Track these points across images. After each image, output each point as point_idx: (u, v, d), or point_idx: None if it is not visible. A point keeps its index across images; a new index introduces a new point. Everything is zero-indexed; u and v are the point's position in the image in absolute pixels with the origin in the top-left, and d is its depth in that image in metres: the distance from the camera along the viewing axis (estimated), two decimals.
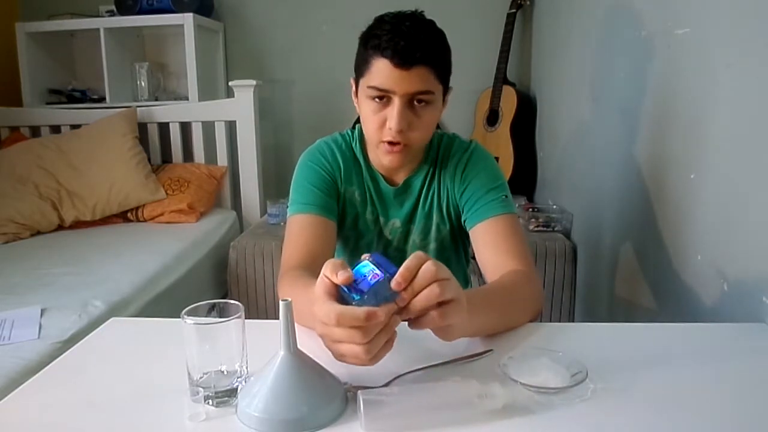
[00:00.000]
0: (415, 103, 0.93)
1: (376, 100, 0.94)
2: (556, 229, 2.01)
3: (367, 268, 0.63)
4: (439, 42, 0.94)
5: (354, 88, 1.01)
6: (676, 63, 1.23)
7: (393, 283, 0.61)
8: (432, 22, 0.95)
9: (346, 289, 0.62)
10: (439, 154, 1.08)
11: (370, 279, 0.62)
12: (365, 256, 0.64)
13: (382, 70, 0.91)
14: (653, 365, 0.72)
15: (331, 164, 1.07)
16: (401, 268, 0.61)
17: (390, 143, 0.95)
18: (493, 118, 2.46)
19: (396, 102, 0.92)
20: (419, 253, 0.63)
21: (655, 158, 1.35)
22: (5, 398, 0.66)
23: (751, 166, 0.96)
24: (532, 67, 2.54)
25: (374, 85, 0.92)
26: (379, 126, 0.95)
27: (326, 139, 1.10)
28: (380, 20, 0.93)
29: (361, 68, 0.96)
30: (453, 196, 1.06)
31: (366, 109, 0.96)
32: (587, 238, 1.87)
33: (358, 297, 0.61)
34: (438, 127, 1.04)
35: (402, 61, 0.89)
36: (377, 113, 0.94)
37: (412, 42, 0.89)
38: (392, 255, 1.11)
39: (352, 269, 0.63)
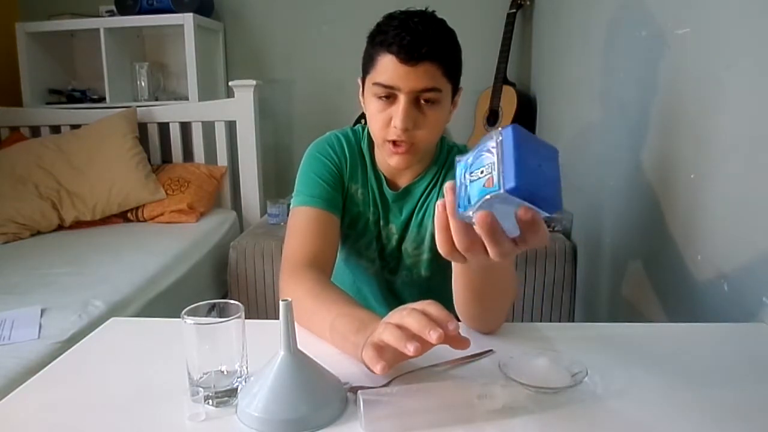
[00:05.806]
0: (422, 101, 0.91)
1: (382, 98, 0.92)
2: (556, 229, 2.01)
3: (488, 161, 0.47)
4: (447, 38, 0.92)
5: (361, 87, 0.99)
6: (677, 63, 1.23)
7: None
8: (442, 20, 0.93)
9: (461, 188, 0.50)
10: (447, 163, 1.05)
11: (484, 184, 0.47)
12: (499, 130, 0.49)
13: (387, 66, 0.89)
14: (653, 365, 0.72)
15: (339, 156, 1.04)
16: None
17: (395, 143, 0.93)
18: (493, 118, 2.45)
19: (401, 99, 0.90)
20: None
21: (654, 158, 1.35)
22: (5, 398, 0.66)
23: (751, 166, 0.96)
24: (532, 67, 2.54)
25: (379, 81, 0.90)
26: (384, 125, 0.93)
27: (336, 132, 1.08)
28: (389, 17, 0.92)
29: (367, 65, 0.94)
30: None
31: (371, 107, 0.94)
32: (587, 238, 1.87)
33: (463, 208, 0.49)
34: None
35: (408, 56, 0.87)
36: (382, 112, 0.92)
37: (418, 37, 0.86)
38: (389, 259, 1.10)
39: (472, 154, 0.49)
